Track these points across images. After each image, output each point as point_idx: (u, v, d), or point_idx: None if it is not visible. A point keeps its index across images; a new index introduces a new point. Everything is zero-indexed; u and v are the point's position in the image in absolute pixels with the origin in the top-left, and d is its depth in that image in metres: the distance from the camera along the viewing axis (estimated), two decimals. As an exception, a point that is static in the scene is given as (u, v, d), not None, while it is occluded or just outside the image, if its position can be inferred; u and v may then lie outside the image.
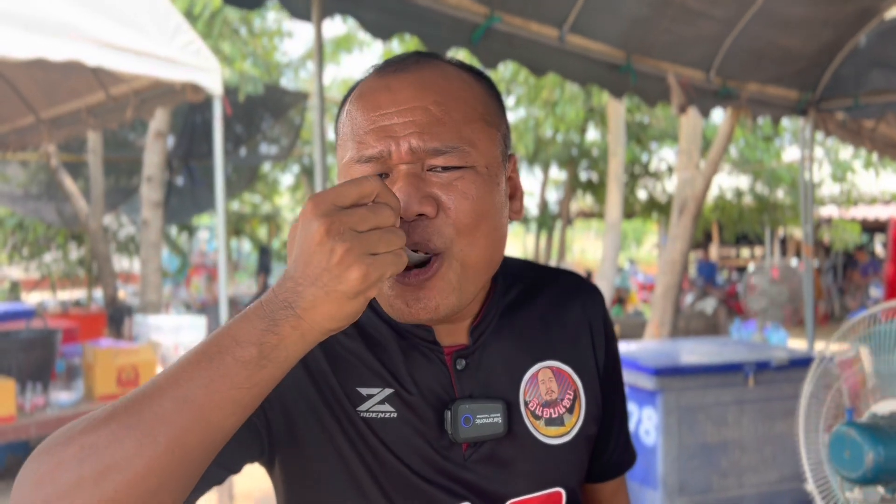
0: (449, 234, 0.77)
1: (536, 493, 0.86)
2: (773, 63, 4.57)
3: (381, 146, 0.77)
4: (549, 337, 0.91)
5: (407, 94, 0.78)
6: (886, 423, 1.75)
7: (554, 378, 0.89)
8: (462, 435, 0.81)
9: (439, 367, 0.84)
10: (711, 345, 4.84)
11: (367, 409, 0.81)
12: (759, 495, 4.09)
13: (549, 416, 0.87)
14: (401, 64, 0.82)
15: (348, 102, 0.83)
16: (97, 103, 5.42)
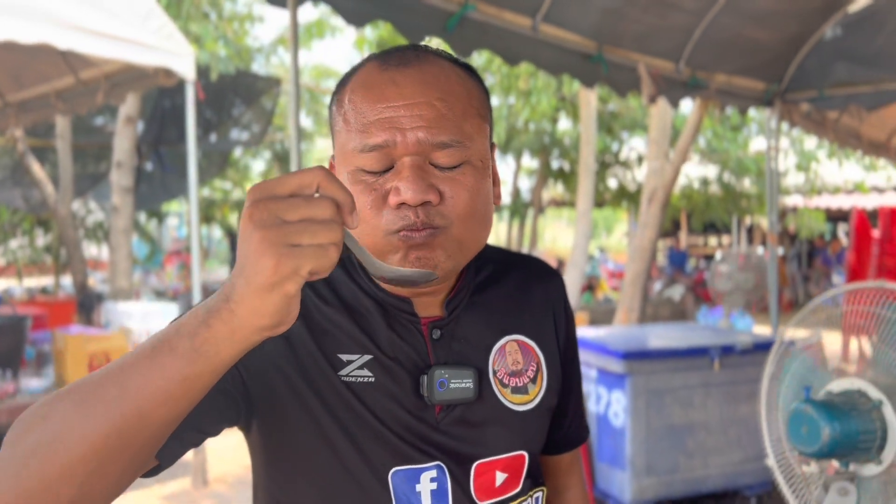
0: (449, 217, 0.83)
1: (502, 455, 0.92)
2: (740, 54, 4.66)
3: (387, 136, 0.81)
4: (516, 314, 0.97)
5: (413, 90, 0.82)
6: (841, 401, 1.84)
7: (519, 350, 0.95)
8: (437, 398, 0.87)
9: (416, 337, 0.90)
10: (678, 330, 4.95)
11: (348, 373, 0.86)
12: (724, 475, 4.22)
13: (514, 385, 0.94)
14: (402, 58, 0.85)
15: (348, 92, 0.86)
16: (66, 87, 5.35)
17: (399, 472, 0.87)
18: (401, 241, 0.82)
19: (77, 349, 5.10)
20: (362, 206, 0.83)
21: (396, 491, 0.87)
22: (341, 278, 0.91)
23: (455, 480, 0.89)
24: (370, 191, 0.83)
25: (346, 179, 0.85)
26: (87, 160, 10.27)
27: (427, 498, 0.88)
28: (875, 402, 1.83)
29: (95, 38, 3.97)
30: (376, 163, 0.82)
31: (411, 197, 0.80)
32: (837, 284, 11.88)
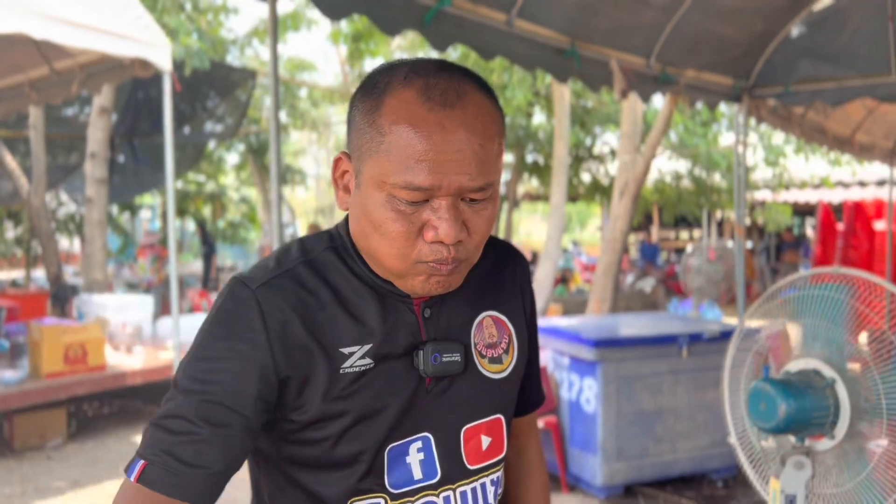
0: (470, 249, 0.93)
1: (483, 419, 1.03)
2: (709, 50, 4.77)
3: (433, 181, 0.87)
4: (490, 292, 1.07)
5: (459, 136, 0.87)
6: (797, 379, 1.95)
7: (494, 325, 1.06)
8: (431, 370, 0.96)
9: (410, 316, 0.98)
10: (648, 319, 5.07)
11: (350, 365, 0.94)
12: (692, 459, 4.35)
13: (491, 356, 1.04)
14: (446, 97, 0.89)
15: (389, 118, 0.89)
16: (40, 77, 5.32)
17: (395, 448, 0.96)
18: (429, 269, 0.91)
19: (53, 340, 5.10)
20: (396, 233, 0.89)
21: (391, 464, 0.96)
22: (340, 270, 0.97)
23: (446, 448, 0.99)
24: (406, 221, 0.89)
25: (380, 202, 0.90)
26: (58, 151, 10.16)
27: (417, 468, 0.97)
28: (828, 381, 1.93)
29: (72, 28, 3.98)
30: (416, 197, 0.88)
31: (448, 237, 0.88)
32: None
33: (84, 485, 4.59)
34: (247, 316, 0.91)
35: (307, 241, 1.01)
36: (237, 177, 17.82)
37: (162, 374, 5.74)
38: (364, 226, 0.93)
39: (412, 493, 0.97)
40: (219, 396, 0.89)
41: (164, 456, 0.87)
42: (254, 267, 0.98)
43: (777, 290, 2.17)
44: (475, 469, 1.02)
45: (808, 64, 5.00)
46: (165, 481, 0.86)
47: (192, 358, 0.92)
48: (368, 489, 0.96)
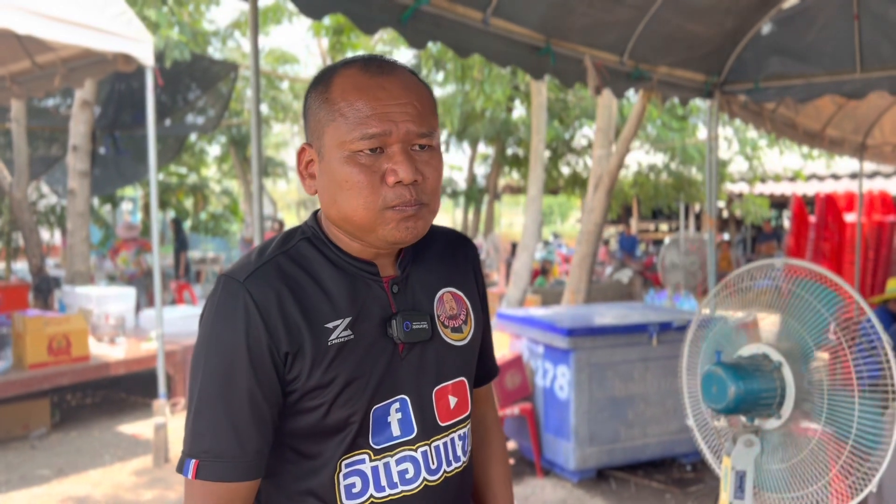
0: (428, 194, 1.08)
1: (450, 381, 1.17)
2: (681, 47, 4.89)
3: (383, 126, 1.03)
4: (446, 271, 1.22)
5: (399, 92, 1.05)
6: (747, 363, 2.08)
7: (453, 299, 1.21)
8: (404, 337, 1.10)
9: (380, 292, 1.12)
10: (621, 309, 5.21)
11: (336, 337, 1.07)
12: (661, 443, 4.50)
13: (453, 326, 1.19)
14: (382, 67, 1.07)
15: (338, 93, 1.06)
16: (21, 71, 5.36)
17: (378, 409, 1.10)
18: (396, 213, 1.05)
19: (37, 331, 5.16)
20: (361, 184, 1.04)
21: (375, 424, 1.10)
22: (315, 257, 1.11)
23: (419, 408, 1.13)
24: (370, 172, 1.04)
25: (342, 161, 1.05)
26: (39, 143, 10.13)
27: (396, 426, 1.11)
28: (776, 364, 2.07)
29: (55, 23, 4.03)
30: (373, 145, 1.04)
31: (407, 176, 1.03)
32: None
33: (68, 473, 4.67)
34: (242, 305, 1.04)
35: (282, 236, 1.14)
36: (219, 169, 17.80)
37: (144, 365, 5.81)
38: (333, 192, 1.07)
39: (391, 448, 1.11)
40: (239, 384, 1.03)
41: (209, 451, 1.03)
42: (237, 264, 1.11)
43: (730, 281, 2.30)
44: (446, 426, 1.16)
45: (777, 61, 5.14)
46: (218, 472, 1.03)
47: (206, 354, 1.05)
48: (356, 447, 1.09)
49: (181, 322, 6.49)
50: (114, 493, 4.35)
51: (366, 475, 1.09)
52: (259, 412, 1.04)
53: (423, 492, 1.12)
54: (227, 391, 1.03)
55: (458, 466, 1.18)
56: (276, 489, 1.12)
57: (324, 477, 1.09)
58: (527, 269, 7.51)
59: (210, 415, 1.04)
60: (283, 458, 1.11)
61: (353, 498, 1.09)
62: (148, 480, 4.55)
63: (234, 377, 1.03)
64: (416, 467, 1.12)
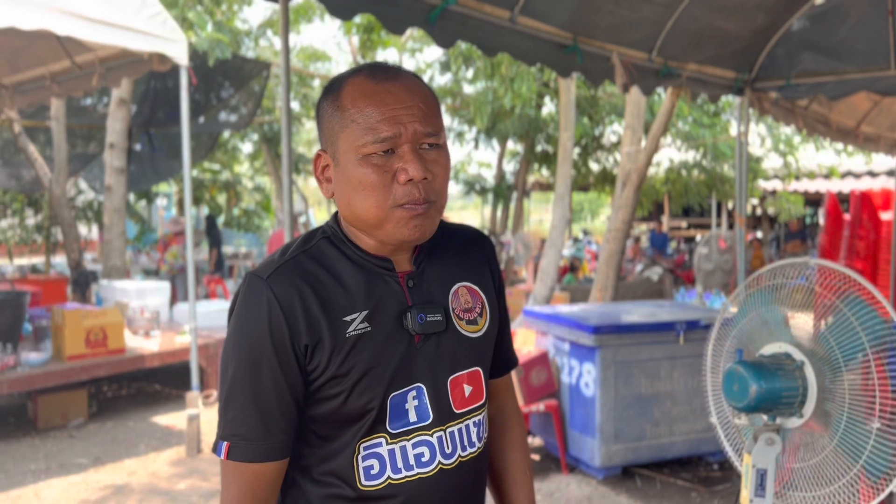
0: (436, 192, 1.14)
1: (465, 370, 1.23)
2: (711, 44, 4.86)
3: (394, 130, 1.10)
4: (461, 266, 1.27)
5: (404, 96, 1.12)
6: (769, 362, 2.09)
7: (468, 293, 1.26)
8: (418, 328, 1.16)
9: (396, 287, 1.19)
10: (648, 307, 5.20)
11: (353, 329, 1.13)
12: (688, 442, 4.49)
13: (468, 319, 1.24)
14: (388, 73, 1.14)
15: (348, 100, 1.13)
16: (61, 70, 5.51)
17: (395, 396, 1.16)
18: (405, 211, 1.11)
19: (75, 324, 5.30)
20: (373, 183, 1.10)
21: (392, 411, 1.16)
22: (334, 255, 1.18)
23: (435, 395, 1.19)
24: (382, 172, 1.10)
25: (356, 164, 1.11)
26: (77, 141, 10.37)
27: (412, 412, 1.18)
28: (798, 363, 2.08)
29: (93, 24, 4.15)
30: (384, 147, 1.10)
31: (417, 174, 1.09)
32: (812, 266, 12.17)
33: (104, 462, 4.80)
34: (265, 301, 1.12)
35: (304, 236, 1.22)
36: (251, 166, 18.02)
37: (178, 357, 5.94)
38: (347, 194, 1.14)
39: (407, 433, 1.17)
40: (264, 373, 1.11)
41: (238, 434, 1.12)
42: (262, 262, 1.19)
43: (757, 279, 2.31)
44: (461, 413, 1.21)
45: (809, 57, 5.08)
46: (247, 453, 1.12)
47: (234, 345, 1.14)
48: (374, 431, 1.16)
49: (214, 316, 6.62)
50: (149, 481, 4.47)
51: (383, 457, 1.16)
52: (283, 398, 1.12)
53: (439, 475, 1.19)
54: (254, 380, 1.12)
55: (473, 451, 1.23)
56: (301, 470, 1.19)
57: (344, 459, 1.16)
58: (554, 266, 7.51)
59: (239, 401, 1.13)
60: (306, 441, 1.18)
61: (372, 479, 1.16)
62: (182, 470, 4.66)
63: (260, 367, 1.11)
64: (431, 451, 1.18)
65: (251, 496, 1.13)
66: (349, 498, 1.16)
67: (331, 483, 1.17)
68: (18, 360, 5.13)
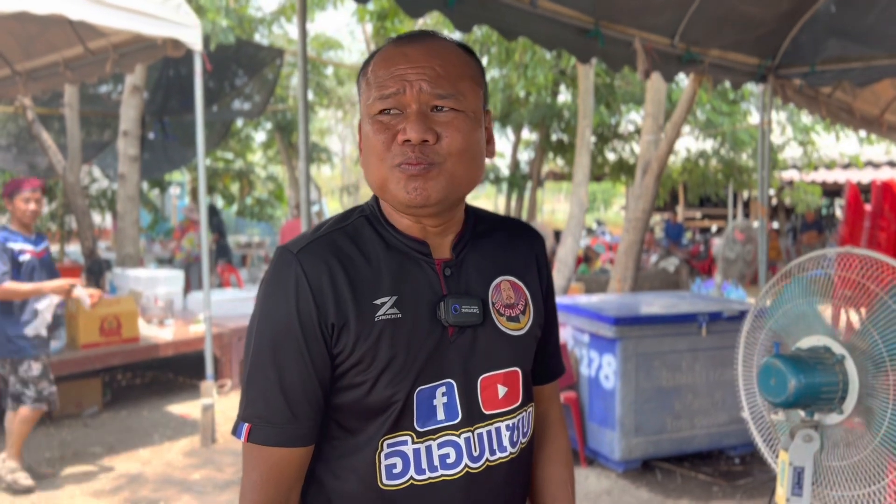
0: (443, 154, 1.06)
1: (501, 370, 1.14)
2: (734, 30, 4.75)
3: (397, 86, 1.06)
4: (507, 259, 1.20)
5: (418, 57, 1.07)
6: (807, 355, 2.01)
7: (511, 288, 1.18)
8: (452, 319, 1.09)
9: (432, 275, 1.12)
10: (669, 298, 5.12)
11: (383, 313, 1.07)
12: (709, 435, 4.41)
13: (509, 315, 1.16)
14: (413, 38, 1.11)
15: (371, 66, 1.10)
16: (75, 57, 5.45)
17: (423, 391, 1.09)
18: (401, 171, 1.05)
19: (89, 312, 5.27)
20: (379, 142, 1.06)
21: (419, 406, 1.09)
22: (369, 235, 1.12)
23: (464, 393, 1.11)
24: (385, 130, 1.05)
25: (367, 125, 1.08)
26: (91, 128, 10.35)
27: (441, 410, 1.10)
28: (838, 357, 1.99)
29: (107, 9, 4.09)
30: (389, 104, 1.06)
31: (414, 136, 1.03)
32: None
33: (119, 451, 4.78)
34: (293, 276, 1.06)
35: (342, 213, 1.17)
36: (264, 154, 17.97)
37: (192, 347, 5.91)
38: (363, 157, 1.10)
39: (434, 431, 1.09)
40: (290, 352, 1.05)
41: (261, 416, 1.06)
42: (296, 237, 1.13)
43: (790, 270, 2.22)
44: (490, 414, 1.13)
45: (835, 43, 4.95)
46: (269, 437, 1.06)
47: (259, 321, 1.08)
48: (399, 428, 1.08)
49: (228, 305, 6.58)
50: (163, 471, 4.44)
51: (407, 457, 1.09)
52: (309, 379, 1.06)
53: (465, 478, 1.11)
54: (279, 358, 1.06)
55: (504, 456, 1.15)
56: (322, 463, 1.13)
57: (366, 455, 1.09)
58: (572, 256, 7.43)
59: (262, 380, 1.06)
60: (328, 433, 1.12)
61: (393, 478, 1.09)
62: (196, 460, 4.62)
63: (285, 344, 1.05)
64: (458, 453, 1.11)
65: (273, 485, 1.07)
66: (369, 497, 1.09)
67: (350, 479, 1.10)
68: (33, 348, 5.10)
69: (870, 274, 1.99)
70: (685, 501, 3.95)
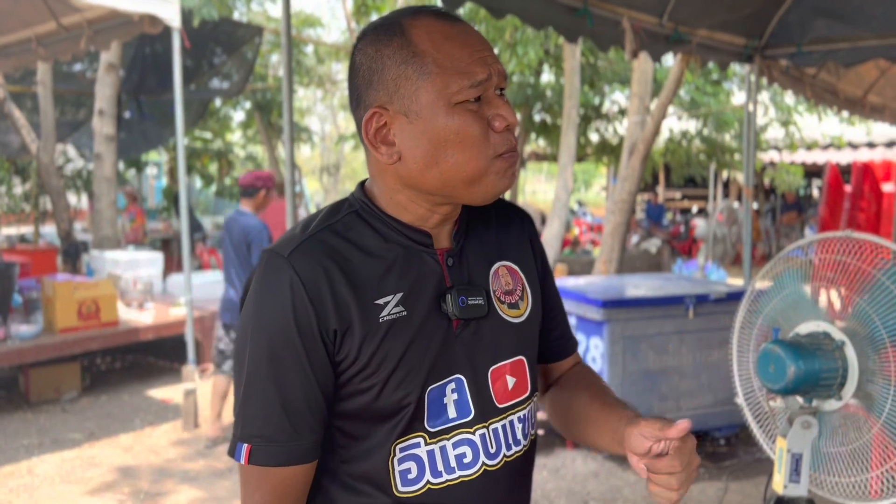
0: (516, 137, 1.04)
1: (507, 360, 1.10)
2: (722, 9, 4.70)
3: (486, 72, 0.99)
4: (501, 244, 1.15)
5: (480, 39, 1.02)
6: (807, 341, 1.99)
7: (508, 274, 1.13)
8: (459, 313, 1.03)
9: (435, 266, 1.06)
10: (655, 280, 5.10)
11: (388, 313, 1.00)
12: (695, 417, 4.41)
13: (509, 302, 1.11)
14: (454, 17, 1.03)
15: (427, 44, 0.98)
16: (47, 33, 5.28)
17: (433, 389, 1.03)
18: (504, 161, 1.01)
19: (66, 296, 5.16)
20: (475, 133, 0.98)
21: (430, 406, 1.03)
22: (364, 231, 1.04)
23: (475, 388, 1.06)
24: (480, 119, 0.99)
25: (448, 113, 0.97)
26: (66, 107, 10.12)
27: (452, 408, 1.04)
28: (838, 343, 1.97)
29: (81, -17, 3.95)
30: (479, 92, 0.99)
31: (514, 119, 1.00)
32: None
33: (99, 437, 4.70)
34: (287, 281, 0.97)
35: (328, 209, 1.08)
36: (244, 134, 17.72)
37: (173, 330, 5.81)
38: (435, 151, 0.99)
39: (447, 430, 1.04)
40: (289, 364, 0.98)
41: (261, 435, 0.98)
42: (281, 238, 1.04)
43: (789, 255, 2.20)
44: (503, 407, 1.09)
45: (822, 23, 4.93)
46: (272, 457, 0.98)
47: (252, 333, 0.99)
48: (410, 430, 1.03)
49: (209, 288, 6.48)
50: (145, 457, 4.37)
51: (421, 460, 1.03)
52: (311, 392, 0.99)
53: (483, 477, 1.06)
54: (277, 371, 0.98)
55: (519, 450, 1.11)
56: (329, 475, 1.06)
57: (378, 462, 1.03)
58: (558, 238, 7.39)
59: (260, 397, 0.98)
60: (335, 443, 1.05)
61: (409, 484, 1.03)
62: (178, 446, 4.56)
63: (283, 357, 0.97)
64: (474, 451, 1.05)
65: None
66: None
67: (363, 490, 1.04)
68: (8, 333, 4.99)
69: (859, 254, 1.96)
70: (672, 483, 3.95)
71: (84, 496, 3.86)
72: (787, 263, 2.19)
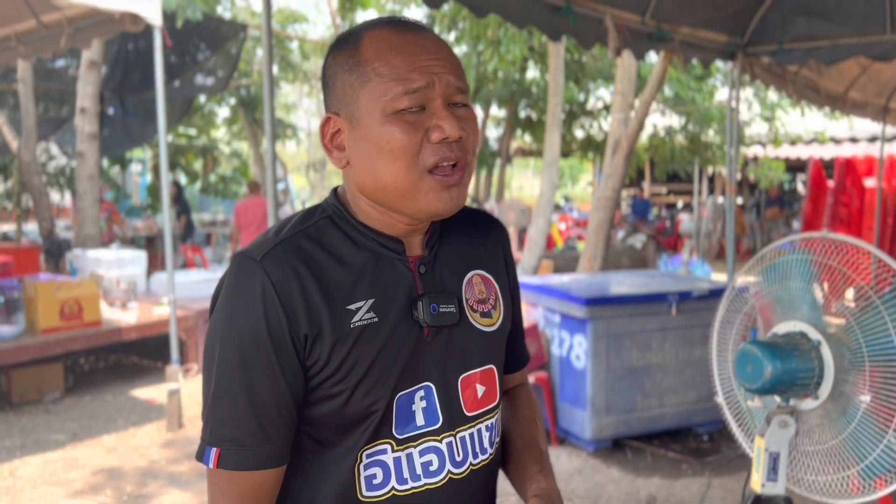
0: (468, 152, 1.01)
1: (477, 368, 1.11)
2: (705, 7, 4.72)
3: (426, 79, 0.97)
4: (475, 253, 1.15)
5: (435, 48, 1.00)
6: (784, 341, 2.00)
7: (482, 283, 1.14)
8: (430, 320, 1.03)
9: (406, 273, 1.06)
10: (639, 277, 5.13)
11: (359, 319, 1.00)
12: (678, 413, 4.45)
13: (482, 311, 1.12)
14: (411, 26, 1.02)
15: (371, 54, 0.99)
16: (27, 31, 5.23)
17: (402, 396, 1.03)
18: (436, 180, 0.98)
19: (48, 296, 5.12)
20: (403, 144, 0.96)
21: (398, 413, 1.03)
22: (337, 236, 1.04)
23: (444, 396, 1.06)
24: (413, 130, 0.97)
25: (382, 122, 0.97)
26: (48, 104, 10.04)
27: (420, 415, 1.05)
28: (814, 343, 1.99)
29: (60, -19, 3.91)
30: (416, 104, 0.97)
31: (454, 132, 0.97)
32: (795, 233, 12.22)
33: (82, 438, 4.67)
34: (258, 285, 0.97)
35: (301, 214, 1.07)
36: (228, 130, 17.63)
37: (157, 330, 5.79)
38: (370, 159, 0.99)
39: (415, 438, 1.05)
40: (259, 368, 0.97)
41: (230, 439, 0.98)
42: (254, 242, 1.04)
43: (767, 252, 2.21)
44: (472, 416, 1.09)
45: (803, 21, 4.96)
46: (242, 461, 0.98)
47: (222, 336, 0.99)
48: (378, 437, 1.03)
49: (193, 286, 6.45)
50: (129, 458, 4.35)
51: (387, 466, 1.04)
52: (281, 396, 0.98)
53: (448, 485, 1.06)
54: (247, 375, 0.97)
55: (485, 458, 1.11)
56: (298, 478, 1.06)
57: (344, 468, 1.03)
58: (542, 235, 7.41)
59: (229, 401, 0.98)
60: (302, 447, 1.05)
61: (374, 489, 1.04)
62: (163, 446, 4.54)
63: (254, 361, 0.97)
64: (440, 459, 1.06)
65: None
66: None
67: (328, 493, 1.04)
68: (-11, 333, 4.95)
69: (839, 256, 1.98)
70: (655, 479, 3.98)
71: (67, 498, 3.83)
72: (765, 263, 2.21)
